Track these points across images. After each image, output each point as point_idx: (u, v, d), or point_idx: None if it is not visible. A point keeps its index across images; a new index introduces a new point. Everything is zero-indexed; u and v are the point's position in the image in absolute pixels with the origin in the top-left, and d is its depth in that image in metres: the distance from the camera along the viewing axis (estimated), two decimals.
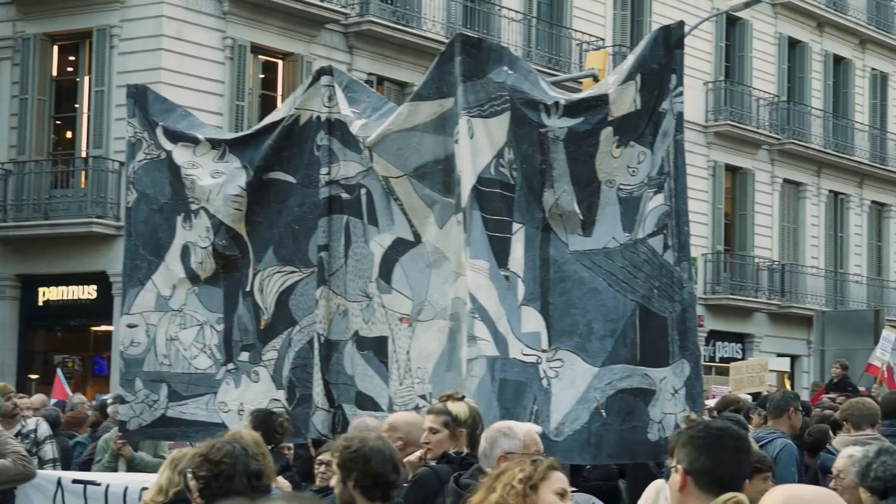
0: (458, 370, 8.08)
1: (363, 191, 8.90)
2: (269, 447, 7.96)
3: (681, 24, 8.30)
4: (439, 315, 8.42)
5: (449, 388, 7.57)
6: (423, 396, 8.37)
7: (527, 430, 6.46)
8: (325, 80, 9.20)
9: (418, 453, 6.95)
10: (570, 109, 8.05)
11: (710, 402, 14.43)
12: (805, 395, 27.64)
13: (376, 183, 8.78)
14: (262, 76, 27.18)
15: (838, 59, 40.69)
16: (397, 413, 7.88)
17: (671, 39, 8.05)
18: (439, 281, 8.45)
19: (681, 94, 8.00)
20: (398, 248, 8.72)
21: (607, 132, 7.97)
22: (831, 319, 30.08)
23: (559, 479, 4.97)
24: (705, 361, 33.34)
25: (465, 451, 6.70)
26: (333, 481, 5.83)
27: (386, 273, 8.76)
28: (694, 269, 33.62)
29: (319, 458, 7.56)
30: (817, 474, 9.79)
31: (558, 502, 4.93)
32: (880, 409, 10.54)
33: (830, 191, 40.06)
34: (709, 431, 4.53)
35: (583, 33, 32.71)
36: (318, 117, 9.13)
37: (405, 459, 7.27)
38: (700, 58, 35.27)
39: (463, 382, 7.82)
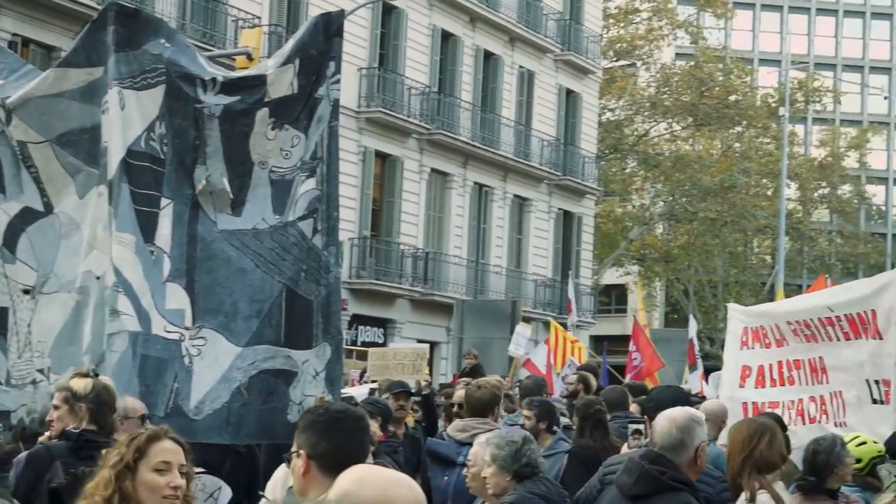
0: (79, 344, 7.87)
1: None
2: None
3: (341, 12, 8.39)
4: (64, 288, 8.16)
5: (69, 363, 7.41)
6: (41, 370, 8.12)
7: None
8: None
9: (49, 432, 6.80)
10: (228, 87, 7.97)
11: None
12: (444, 380, 28.39)
13: (6, 149, 8.42)
14: None
15: (488, 55, 41.81)
16: None
17: (331, 27, 8.11)
18: (69, 253, 8.18)
19: (338, 81, 8.07)
20: (26, 218, 8.38)
21: (263, 113, 7.94)
22: (471, 308, 30.89)
23: (161, 452, 4.68)
24: (347, 345, 33.70)
25: (87, 426, 6.55)
26: None
27: (11, 242, 8.41)
28: (340, 254, 33.96)
29: None
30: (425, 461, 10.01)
31: (158, 479, 4.64)
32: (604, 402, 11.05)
33: (476, 183, 41.11)
34: (329, 415, 4.52)
35: (239, 10, 32.44)
36: None
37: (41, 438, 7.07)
38: (355, 44, 35.57)
39: (83, 357, 7.64)
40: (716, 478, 7.20)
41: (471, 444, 8.37)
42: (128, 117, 7.84)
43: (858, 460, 7.84)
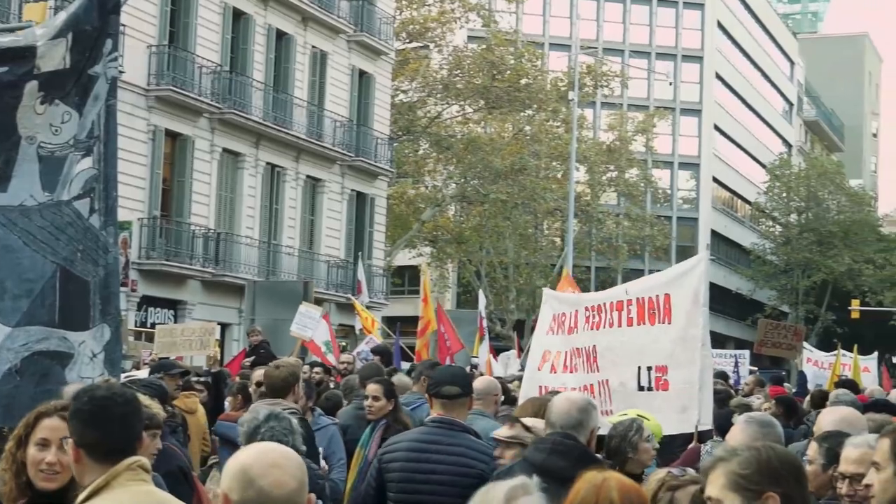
0: None
1: None
2: None
3: None
4: None
5: None
6: None
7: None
8: None
9: None
10: None
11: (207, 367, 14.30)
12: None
13: None
14: None
15: (281, 34, 41.55)
16: None
17: (107, 3, 7.93)
18: None
19: (116, 59, 7.90)
20: None
21: (32, 86, 7.72)
22: (262, 289, 30.79)
23: (43, 429, 5.05)
24: (137, 327, 33.20)
25: None
26: None
27: None
28: (129, 234, 33.36)
29: None
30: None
31: (36, 454, 5.00)
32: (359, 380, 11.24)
33: (268, 163, 40.87)
34: (94, 403, 4.50)
35: None
36: None
37: None
38: (144, 20, 34.98)
39: None
40: (490, 455, 7.30)
41: None
42: None
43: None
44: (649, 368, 10.27)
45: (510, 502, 3.81)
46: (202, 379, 14.47)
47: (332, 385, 15.08)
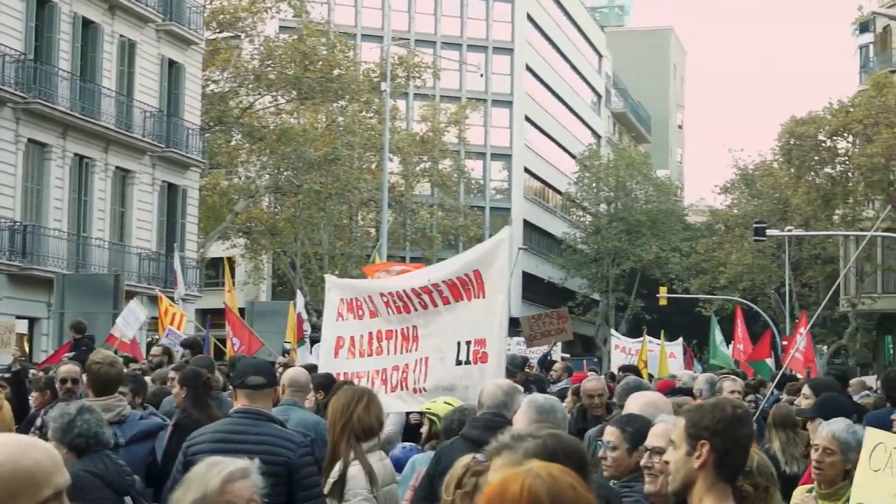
0: None
1: None
2: None
3: None
4: None
5: None
6: None
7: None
8: None
9: None
10: None
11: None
12: (46, 356, 27.57)
13: None
14: None
15: (87, 23, 40.67)
16: None
17: None
18: None
19: None
20: None
21: None
22: (72, 283, 30.19)
23: None
24: None
25: None
26: None
27: None
28: None
29: None
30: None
31: None
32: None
33: (76, 154, 39.98)
34: None
35: None
36: None
37: None
38: None
39: None
40: (297, 443, 7.31)
41: (117, 423, 8.31)
42: None
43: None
44: (468, 343, 10.40)
45: (228, 485, 3.84)
46: (5, 375, 14.17)
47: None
